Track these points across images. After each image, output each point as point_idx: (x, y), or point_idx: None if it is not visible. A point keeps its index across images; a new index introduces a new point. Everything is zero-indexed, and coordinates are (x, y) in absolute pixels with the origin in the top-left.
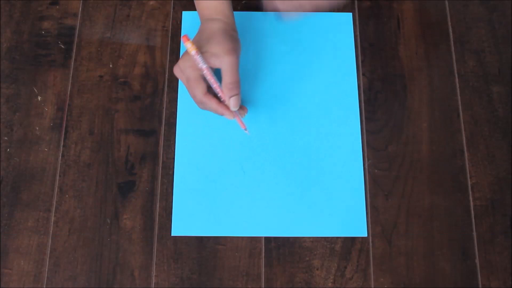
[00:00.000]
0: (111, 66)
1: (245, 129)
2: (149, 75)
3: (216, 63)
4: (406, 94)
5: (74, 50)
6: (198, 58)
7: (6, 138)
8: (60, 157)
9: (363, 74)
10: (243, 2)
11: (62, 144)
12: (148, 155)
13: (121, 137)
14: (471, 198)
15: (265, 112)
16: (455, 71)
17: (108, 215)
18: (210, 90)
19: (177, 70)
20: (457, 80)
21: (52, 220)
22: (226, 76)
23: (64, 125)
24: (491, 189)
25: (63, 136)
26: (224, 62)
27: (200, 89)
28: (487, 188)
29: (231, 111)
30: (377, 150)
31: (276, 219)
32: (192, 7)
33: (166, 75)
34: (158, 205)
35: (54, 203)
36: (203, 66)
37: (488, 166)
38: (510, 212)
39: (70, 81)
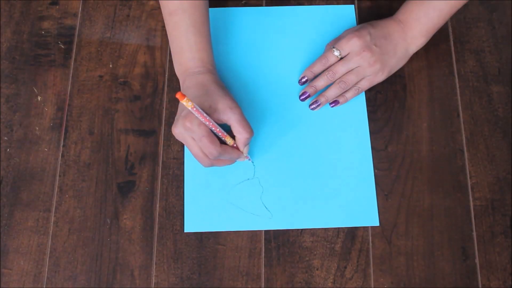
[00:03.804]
0: (111, 66)
1: (249, 159)
2: (149, 75)
3: (222, 119)
4: (406, 94)
5: (74, 50)
6: (203, 114)
7: (6, 138)
8: (60, 157)
9: None
10: (243, 2)
11: (62, 144)
12: (148, 155)
13: (121, 137)
14: (471, 198)
15: (272, 108)
16: (455, 71)
17: (108, 215)
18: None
19: (180, 131)
20: (457, 80)
21: (52, 220)
22: (240, 131)
23: (64, 125)
24: (491, 189)
25: (63, 136)
26: (233, 119)
27: (217, 143)
28: (487, 188)
29: (243, 155)
30: (377, 150)
31: (288, 211)
32: None
33: (166, 75)
34: (158, 205)
35: (54, 203)
36: (210, 120)
37: (488, 166)
38: (510, 212)
39: (70, 81)
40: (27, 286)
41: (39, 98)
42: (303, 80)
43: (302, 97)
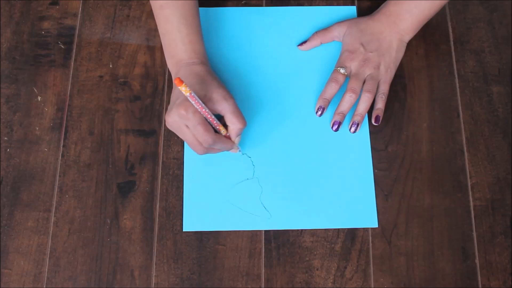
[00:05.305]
0: (111, 66)
1: (240, 151)
2: (149, 75)
3: (216, 109)
4: (406, 94)
5: (74, 50)
6: (199, 102)
7: (6, 138)
8: (60, 157)
9: None
10: (243, 2)
11: (62, 144)
12: (148, 155)
13: (121, 137)
14: (471, 198)
15: (272, 109)
16: (455, 71)
17: (108, 215)
18: None
19: (174, 120)
20: (457, 80)
21: (52, 220)
22: (233, 121)
23: (64, 125)
24: (491, 189)
25: (63, 136)
26: (227, 109)
27: (212, 131)
28: (487, 188)
29: (235, 146)
30: (377, 150)
31: (287, 212)
32: None
33: (166, 75)
34: (158, 205)
35: (54, 203)
36: (205, 109)
37: (488, 166)
38: (510, 212)
39: (70, 81)
40: (27, 286)
41: (39, 98)
42: (320, 111)
43: (334, 127)
